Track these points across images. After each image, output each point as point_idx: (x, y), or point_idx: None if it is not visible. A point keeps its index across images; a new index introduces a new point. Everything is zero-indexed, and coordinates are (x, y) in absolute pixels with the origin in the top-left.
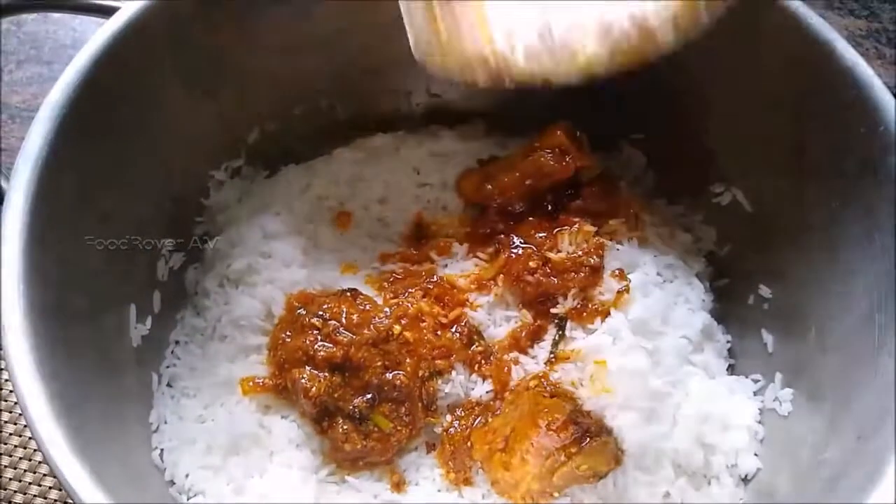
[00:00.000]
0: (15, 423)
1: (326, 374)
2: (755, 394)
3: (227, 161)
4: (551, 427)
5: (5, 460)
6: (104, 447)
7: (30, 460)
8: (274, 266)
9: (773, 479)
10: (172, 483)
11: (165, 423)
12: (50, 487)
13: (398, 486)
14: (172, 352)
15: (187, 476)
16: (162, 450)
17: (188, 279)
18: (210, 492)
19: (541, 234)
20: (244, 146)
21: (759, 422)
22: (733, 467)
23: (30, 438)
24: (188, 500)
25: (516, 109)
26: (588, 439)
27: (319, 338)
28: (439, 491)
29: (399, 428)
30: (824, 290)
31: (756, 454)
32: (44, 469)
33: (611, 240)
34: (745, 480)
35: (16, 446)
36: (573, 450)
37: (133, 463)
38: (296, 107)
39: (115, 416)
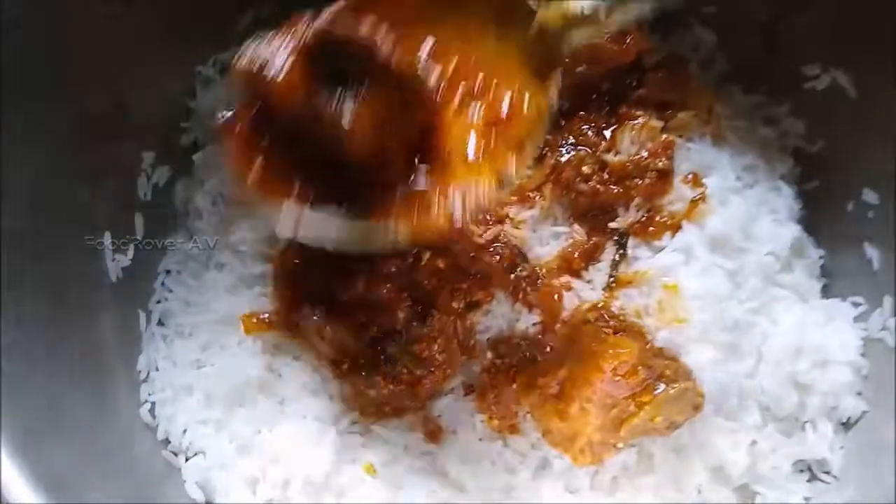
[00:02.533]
0: None
1: (345, 310)
2: (856, 320)
3: (215, 53)
4: (618, 372)
5: None
6: (63, 415)
7: None
8: None
9: (880, 424)
10: (167, 442)
11: (156, 370)
12: None
13: (433, 434)
14: (163, 284)
15: (184, 432)
16: (153, 403)
17: (176, 196)
18: (211, 450)
19: (595, 133)
20: (235, 34)
21: (863, 355)
22: (832, 410)
23: None
24: (186, 461)
25: None
26: (663, 386)
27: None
28: (481, 440)
29: (432, 369)
30: None
31: (860, 393)
32: None
33: (680, 137)
34: (847, 425)
35: None
36: (645, 398)
37: (114, 424)
38: None
39: (89, 370)
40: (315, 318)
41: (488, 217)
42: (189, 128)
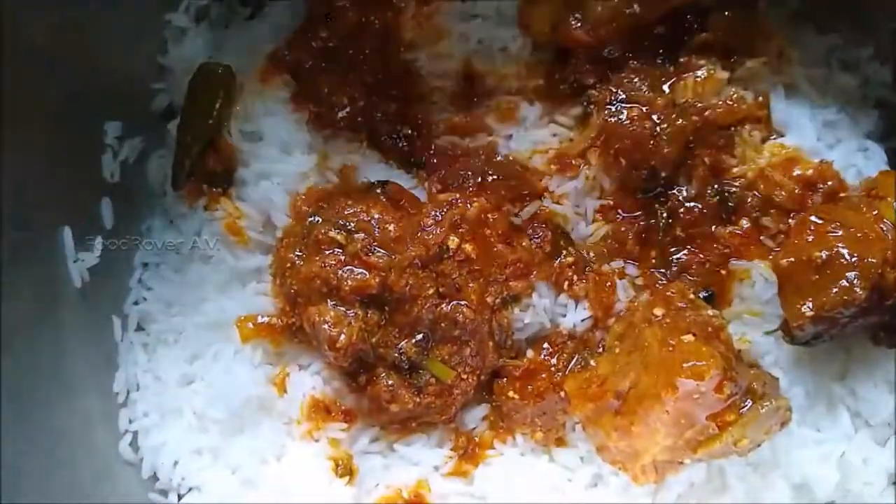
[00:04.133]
0: None
1: (358, 311)
2: None
3: None
4: (697, 390)
5: None
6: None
7: None
8: (268, 152)
9: None
10: (155, 479)
11: (137, 388)
12: None
13: (467, 452)
14: (140, 280)
15: (175, 465)
16: (135, 433)
17: (151, 173)
18: (209, 485)
19: (649, 87)
20: None
21: None
22: None
23: None
24: (179, 500)
25: None
26: (749, 402)
27: (344, 259)
28: (522, 455)
29: (464, 376)
30: None
31: None
32: None
33: (747, 88)
34: None
35: None
36: (729, 418)
37: (89, 464)
38: None
39: (55, 399)
40: (327, 324)
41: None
42: (161, 89)
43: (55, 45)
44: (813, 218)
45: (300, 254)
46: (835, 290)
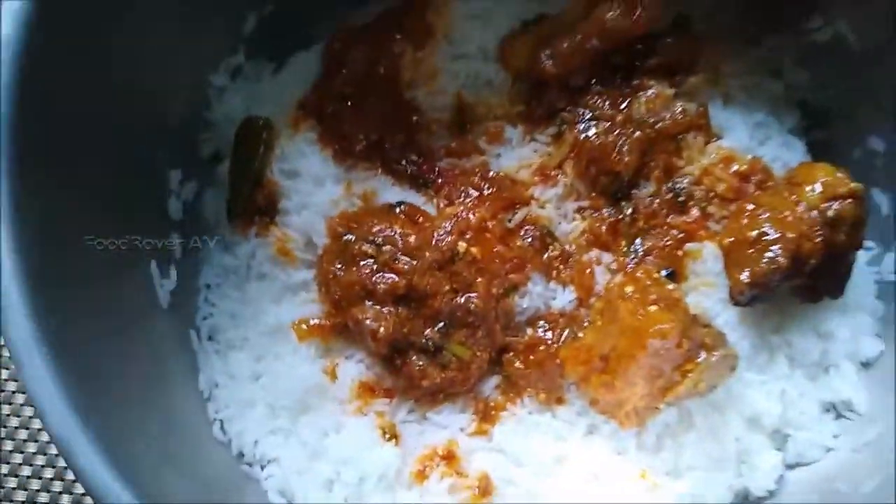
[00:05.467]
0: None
1: (391, 308)
2: (869, 264)
3: (223, 59)
4: (663, 347)
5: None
6: (155, 447)
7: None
8: (304, 187)
9: None
10: (242, 455)
11: (217, 386)
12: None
13: (486, 414)
14: (206, 299)
15: (256, 444)
16: (221, 421)
17: (207, 208)
18: (285, 458)
19: (610, 106)
20: (241, 38)
21: (878, 297)
22: (853, 352)
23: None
24: (262, 469)
25: None
26: (703, 354)
27: (375, 267)
28: (530, 413)
29: (478, 354)
30: None
31: (878, 335)
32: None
33: (691, 101)
34: (867, 365)
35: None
36: (689, 367)
37: (192, 443)
38: None
39: (158, 395)
40: (368, 320)
41: (512, 200)
42: (208, 139)
43: (126, 113)
44: (748, 205)
45: (340, 266)
46: (764, 260)
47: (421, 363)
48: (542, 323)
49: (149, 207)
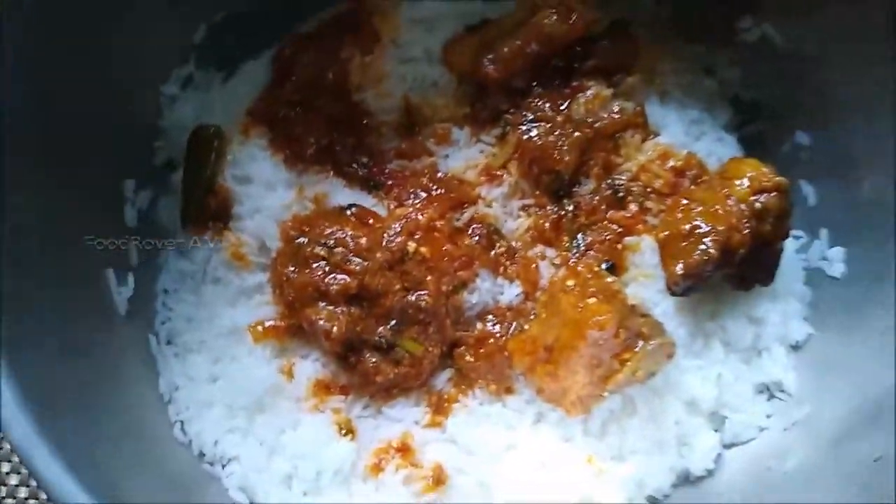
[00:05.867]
0: None
1: (344, 308)
2: (797, 252)
3: (175, 69)
4: (601, 337)
5: None
6: (115, 448)
7: None
8: (256, 192)
9: (825, 344)
10: (202, 455)
11: (176, 389)
12: None
13: (439, 407)
14: (164, 303)
15: (216, 444)
16: (182, 422)
17: (162, 216)
18: (244, 456)
19: (551, 108)
20: (191, 48)
21: (806, 283)
22: (783, 336)
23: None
24: (223, 468)
25: None
26: (640, 343)
27: (328, 269)
28: (481, 404)
29: (430, 349)
30: (874, 135)
31: (805, 319)
32: None
33: (628, 100)
34: (796, 348)
35: None
36: (626, 356)
37: (154, 444)
38: None
39: (119, 400)
40: (321, 320)
41: (460, 199)
42: (161, 147)
43: (79, 123)
44: (682, 200)
45: (293, 269)
46: (697, 252)
47: (374, 360)
48: (490, 317)
49: (104, 216)
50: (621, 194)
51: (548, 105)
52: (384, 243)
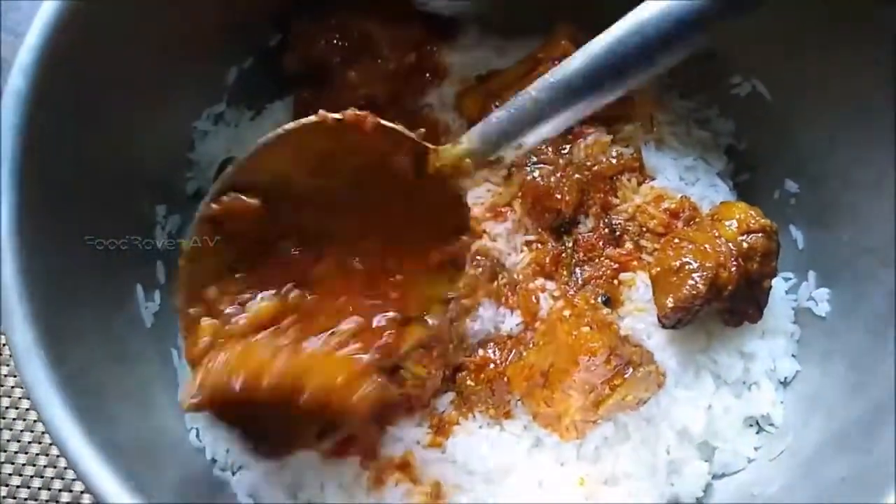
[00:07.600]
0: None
1: None
2: (787, 293)
3: (207, 107)
4: (593, 363)
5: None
6: (138, 444)
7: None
8: None
9: (811, 381)
10: (215, 461)
11: None
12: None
13: (440, 428)
14: None
15: (227, 451)
16: (197, 429)
17: None
18: (253, 464)
19: (553, 151)
20: (224, 88)
21: (794, 322)
22: (772, 372)
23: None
24: (233, 475)
25: (510, 8)
26: (630, 370)
27: None
28: (480, 427)
29: (434, 372)
30: (855, 185)
31: (794, 356)
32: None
33: (627, 147)
34: (784, 384)
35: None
36: (617, 382)
37: (173, 448)
38: (272, 38)
39: (147, 406)
40: None
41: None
42: (192, 177)
43: (129, 156)
44: (675, 239)
45: None
46: (686, 287)
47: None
48: (491, 345)
49: (136, 237)
50: (618, 233)
51: (550, 149)
52: None
